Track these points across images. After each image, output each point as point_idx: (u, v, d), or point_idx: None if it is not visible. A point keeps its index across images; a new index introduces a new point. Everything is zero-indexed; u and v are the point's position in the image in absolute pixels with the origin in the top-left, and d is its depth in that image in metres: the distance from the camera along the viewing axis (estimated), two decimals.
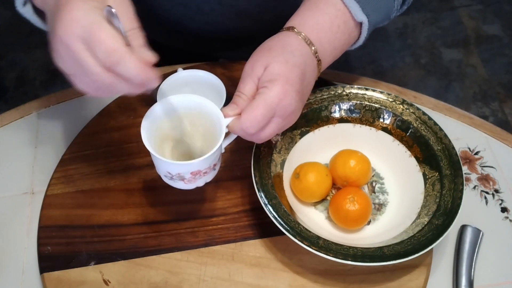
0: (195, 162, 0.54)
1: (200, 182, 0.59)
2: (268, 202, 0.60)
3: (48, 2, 0.52)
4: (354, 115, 0.70)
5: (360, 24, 0.62)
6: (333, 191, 0.67)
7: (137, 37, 0.50)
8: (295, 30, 0.58)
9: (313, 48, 0.58)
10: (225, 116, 0.56)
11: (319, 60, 0.59)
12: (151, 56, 0.49)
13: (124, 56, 0.46)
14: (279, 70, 0.54)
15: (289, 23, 0.60)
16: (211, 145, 0.56)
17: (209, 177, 0.59)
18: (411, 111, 0.69)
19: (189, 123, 0.60)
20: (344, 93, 0.70)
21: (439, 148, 0.66)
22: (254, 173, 0.62)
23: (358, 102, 0.70)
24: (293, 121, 0.58)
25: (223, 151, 0.60)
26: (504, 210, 0.69)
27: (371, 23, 0.61)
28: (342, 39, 0.61)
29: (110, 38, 0.45)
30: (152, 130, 0.57)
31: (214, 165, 0.58)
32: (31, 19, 0.59)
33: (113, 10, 0.47)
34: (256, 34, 0.82)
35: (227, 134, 0.57)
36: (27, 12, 0.58)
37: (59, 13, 0.47)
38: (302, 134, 0.69)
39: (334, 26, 0.59)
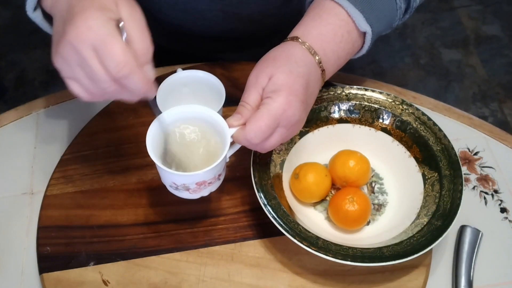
0: (200, 172, 0.54)
1: (205, 192, 0.59)
2: (268, 203, 0.60)
3: (59, 6, 0.52)
4: (353, 115, 0.70)
5: (364, 33, 0.62)
6: (333, 192, 0.67)
7: (146, 53, 0.50)
8: (299, 40, 0.59)
9: (317, 58, 0.58)
10: (229, 126, 0.56)
11: (323, 70, 0.59)
12: (152, 75, 0.51)
13: (133, 70, 0.48)
14: (283, 81, 0.55)
15: (293, 33, 0.60)
16: (216, 155, 0.56)
17: (214, 187, 0.59)
18: (410, 111, 0.69)
19: (194, 133, 0.60)
20: (344, 93, 0.70)
21: (438, 148, 0.66)
22: (253, 174, 0.62)
23: (358, 102, 0.70)
24: (297, 131, 0.58)
25: (227, 160, 0.61)
26: (503, 210, 0.69)
27: (374, 33, 0.61)
28: (345, 49, 0.61)
29: (122, 51, 0.47)
30: (157, 140, 0.57)
31: (219, 175, 0.58)
32: (40, 24, 0.59)
33: (121, 24, 0.49)
34: (257, 37, 0.83)
35: (231, 144, 0.57)
36: (37, 17, 0.59)
37: (74, 20, 0.48)
38: (301, 135, 0.69)
39: (338, 36, 0.60)
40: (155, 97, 0.65)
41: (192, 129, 0.60)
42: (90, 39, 0.47)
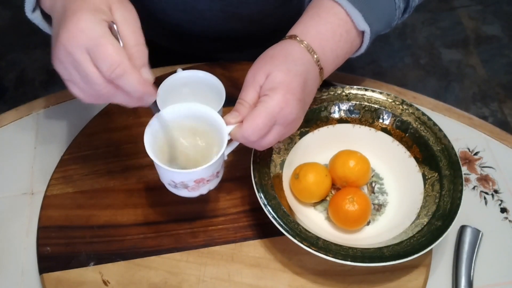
0: (198, 170, 0.54)
1: (203, 190, 0.59)
2: (268, 203, 0.60)
3: (56, 8, 0.52)
4: (353, 115, 0.70)
5: (362, 32, 0.62)
6: (333, 192, 0.67)
7: (141, 56, 0.51)
8: (298, 38, 0.59)
9: (315, 56, 0.58)
10: (227, 124, 0.56)
11: (321, 69, 0.59)
12: (150, 77, 0.51)
13: (127, 70, 0.47)
14: (280, 79, 0.55)
15: (291, 32, 0.60)
16: (214, 152, 0.56)
17: (212, 185, 0.59)
18: (410, 111, 0.69)
19: (192, 131, 0.60)
20: (344, 93, 0.70)
21: (438, 148, 0.66)
22: (253, 174, 0.62)
23: (358, 102, 0.70)
24: (294, 129, 0.59)
25: (225, 158, 0.61)
26: (503, 210, 0.69)
27: (373, 32, 0.61)
28: (344, 48, 0.61)
29: (115, 51, 0.47)
30: (155, 139, 0.57)
31: (217, 172, 0.58)
32: (40, 25, 0.59)
33: (115, 26, 0.48)
34: (257, 37, 0.83)
35: (229, 142, 0.57)
36: (36, 18, 0.58)
37: (66, 23, 0.48)
38: (301, 135, 0.69)
39: (337, 35, 0.60)
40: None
41: (190, 127, 0.60)
42: (83, 42, 0.47)
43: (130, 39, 0.50)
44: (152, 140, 0.56)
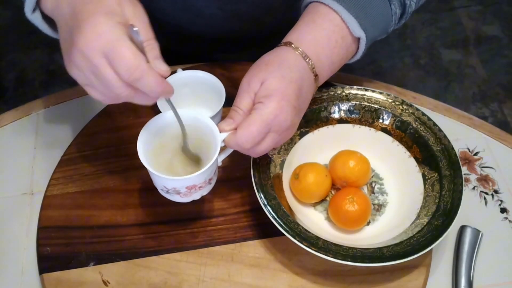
0: (190, 177, 0.54)
1: (196, 196, 0.59)
2: (268, 203, 0.60)
3: (61, 10, 0.52)
4: (353, 115, 0.70)
5: (358, 39, 0.62)
6: (333, 192, 0.67)
7: (152, 49, 0.51)
8: (293, 45, 0.59)
9: (310, 63, 0.58)
10: (221, 131, 0.56)
11: (316, 75, 0.59)
12: (166, 69, 0.51)
13: (145, 72, 0.48)
14: (275, 86, 0.55)
15: (286, 38, 0.60)
16: (207, 159, 0.56)
17: (205, 191, 0.59)
18: (410, 111, 0.69)
19: (185, 137, 0.60)
20: (344, 93, 0.70)
21: (438, 148, 0.66)
22: (253, 174, 0.62)
23: (358, 102, 0.70)
24: (289, 136, 0.59)
25: (219, 164, 0.61)
26: (503, 210, 0.69)
27: (368, 38, 0.61)
28: (340, 54, 0.61)
29: (132, 54, 0.47)
30: (149, 144, 0.57)
31: (210, 179, 0.58)
32: (40, 26, 0.59)
33: (135, 29, 0.49)
34: (257, 37, 0.83)
35: (223, 149, 0.57)
36: (35, 19, 0.58)
37: (81, 27, 0.48)
38: (301, 135, 0.69)
39: (332, 41, 0.60)
40: None
41: (184, 134, 0.59)
42: (100, 46, 0.47)
43: (141, 35, 0.50)
44: (146, 146, 0.56)
